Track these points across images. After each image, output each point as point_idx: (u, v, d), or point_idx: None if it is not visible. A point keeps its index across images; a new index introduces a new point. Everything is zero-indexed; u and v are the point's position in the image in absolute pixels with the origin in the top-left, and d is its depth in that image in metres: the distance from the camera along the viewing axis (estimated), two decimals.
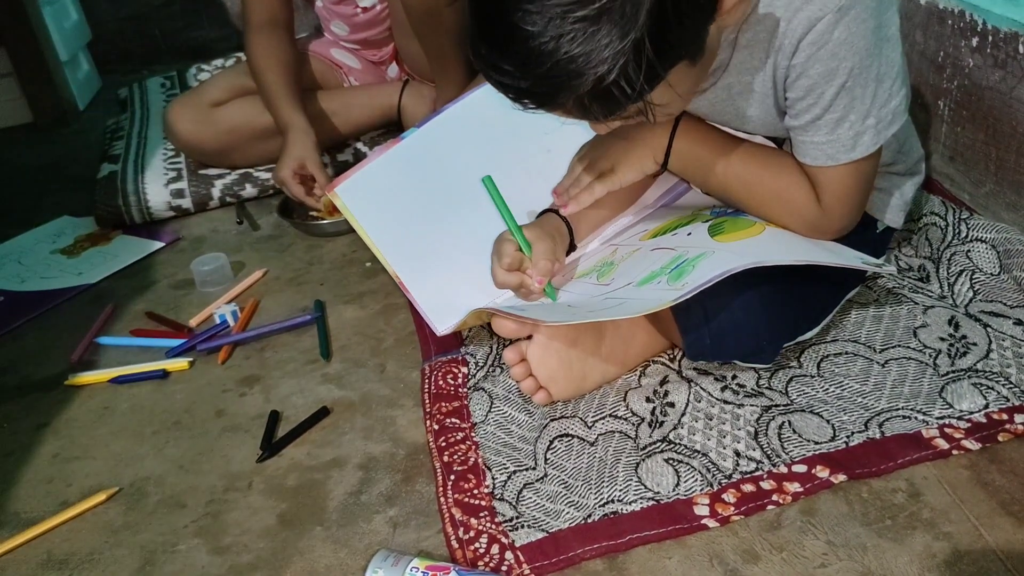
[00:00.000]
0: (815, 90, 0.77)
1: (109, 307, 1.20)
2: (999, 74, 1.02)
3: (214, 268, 1.22)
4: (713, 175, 0.87)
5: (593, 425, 0.84)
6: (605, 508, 0.75)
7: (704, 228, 0.90)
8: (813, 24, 0.74)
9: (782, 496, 0.74)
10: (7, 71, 1.91)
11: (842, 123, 0.78)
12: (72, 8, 2.06)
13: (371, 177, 1.05)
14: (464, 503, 0.78)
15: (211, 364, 1.06)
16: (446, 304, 1.00)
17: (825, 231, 0.85)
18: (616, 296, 0.86)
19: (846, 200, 0.83)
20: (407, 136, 1.09)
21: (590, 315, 0.80)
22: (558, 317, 0.83)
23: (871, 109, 0.78)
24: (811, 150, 0.81)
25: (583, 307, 0.87)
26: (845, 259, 0.83)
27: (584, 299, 0.91)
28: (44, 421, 1.00)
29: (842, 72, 0.76)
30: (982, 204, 1.09)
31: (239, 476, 0.87)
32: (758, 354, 0.85)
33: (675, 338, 0.89)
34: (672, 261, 0.85)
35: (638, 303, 0.80)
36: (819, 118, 0.79)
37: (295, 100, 1.35)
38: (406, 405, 0.94)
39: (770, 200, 0.86)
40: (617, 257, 0.97)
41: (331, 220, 1.31)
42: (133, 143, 1.64)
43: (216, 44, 2.21)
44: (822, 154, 0.81)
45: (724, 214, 0.92)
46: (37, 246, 1.40)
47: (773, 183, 0.85)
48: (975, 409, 0.80)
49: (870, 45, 0.75)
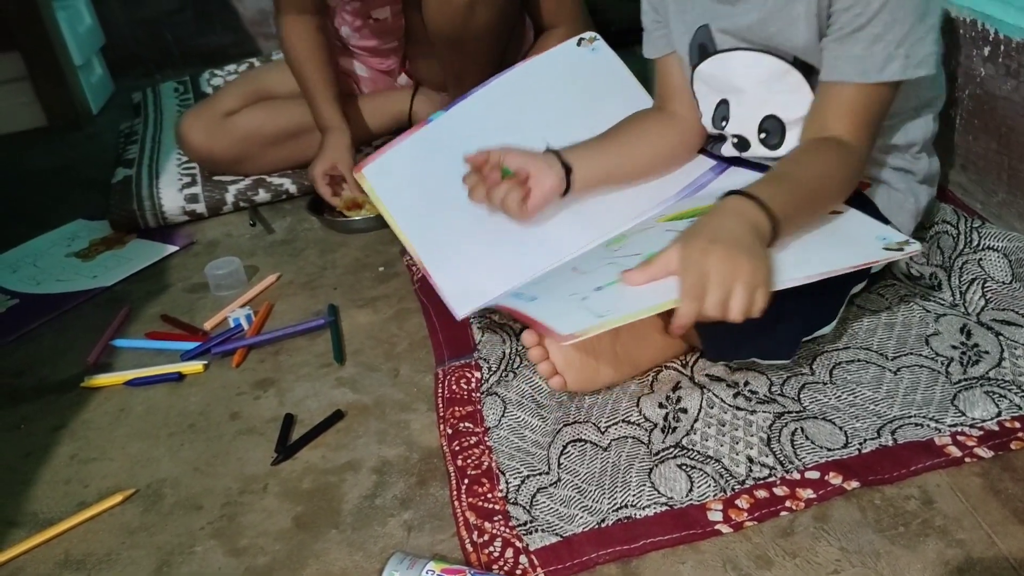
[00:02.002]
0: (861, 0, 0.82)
1: (124, 310, 1.21)
2: (1012, 83, 1.03)
3: (228, 272, 1.23)
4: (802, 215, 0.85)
5: (606, 430, 0.84)
6: (619, 513, 0.75)
7: None
8: None
9: (795, 502, 0.75)
10: (22, 75, 1.93)
11: (879, 41, 0.83)
12: (86, 13, 2.08)
13: (397, 158, 1.07)
14: (478, 507, 0.78)
15: (225, 367, 1.07)
16: (466, 289, 1.01)
17: (860, 163, 0.87)
18: (620, 263, 0.85)
19: (868, 124, 0.87)
20: (434, 119, 1.10)
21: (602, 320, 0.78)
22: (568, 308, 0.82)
23: (907, 38, 0.83)
24: (844, 65, 0.85)
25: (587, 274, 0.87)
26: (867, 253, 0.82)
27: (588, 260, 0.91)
28: (61, 423, 1.01)
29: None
30: (995, 213, 1.10)
31: (254, 478, 0.88)
32: (778, 351, 0.85)
33: (692, 339, 0.89)
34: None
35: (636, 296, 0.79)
36: (861, 28, 0.83)
37: (333, 98, 1.39)
38: (419, 409, 0.94)
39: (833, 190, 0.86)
40: (629, 231, 0.99)
41: (360, 217, 1.34)
42: (147, 148, 1.66)
43: (229, 50, 2.23)
44: (854, 69, 0.85)
45: None
46: (52, 249, 1.42)
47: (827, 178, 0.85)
48: (987, 417, 0.80)
49: None
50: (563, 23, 1.48)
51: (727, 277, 0.74)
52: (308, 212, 1.40)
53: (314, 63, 1.40)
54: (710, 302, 0.74)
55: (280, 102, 1.50)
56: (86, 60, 2.03)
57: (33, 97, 1.95)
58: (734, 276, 0.74)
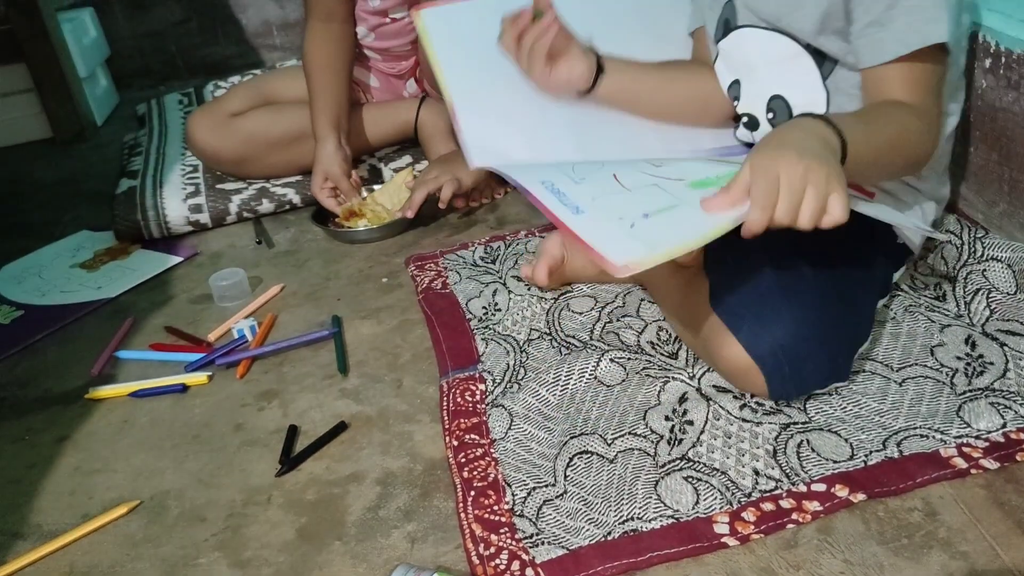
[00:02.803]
0: None
1: (128, 321, 1.21)
2: (1012, 95, 1.03)
3: (232, 283, 1.23)
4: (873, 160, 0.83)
5: (613, 442, 0.84)
6: (625, 526, 0.75)
7: None
8: None
9: (801, 515, 0.74)
10: (27, 87, 1.94)
11: (915, 9, 0.82)
12: (91, 25, 2.09)
13: (460, 14, 1.05)
14: (484, 519, 0.78)
15: (229, 378, 1.07)
16: (488, 142, 1.01)
17: (934, 127, 0.87)
18: (665, 187, 0.83)
19: (932, 90, 0.86)
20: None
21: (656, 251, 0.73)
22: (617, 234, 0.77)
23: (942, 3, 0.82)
24: (888, 43, 0.84)
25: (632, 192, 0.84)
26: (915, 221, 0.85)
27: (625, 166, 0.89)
28: (65, 434, 1.01)
29: None
30: (996, 224, 1.10)
31: (258, 490, 0.88)
32: (837, 374, 0.85)
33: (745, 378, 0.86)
34: (729, 174, 0.80)
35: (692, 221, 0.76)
36: (894, 5, 0.83)
37: (329, 108, 1.39)
38: (423, 420, 0.94)
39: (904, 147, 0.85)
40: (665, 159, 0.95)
41: (363, 227, 1.34)
42: (151, 159, 1.66)
43: (232, 61, 2.24)
44: (899, 43, 0.83)
45: None
46: (57, 260, 1.42)
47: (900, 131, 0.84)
48: (993, 428, 0.80)
49: None
50: None
51: (797, 181, 0.71)
52: (312, 222, 1.40)
53: (324, 71, 1.41)
54: (781, 208, 0.71)
55: (285, 106, 1.52)
56: (91, 72, 2.04)
57: (39, 109, 1.96)
58: (805, 179, 0.71)
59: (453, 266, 1.21)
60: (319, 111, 1.39)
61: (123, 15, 2.18)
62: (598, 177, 0.88)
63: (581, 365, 0.93)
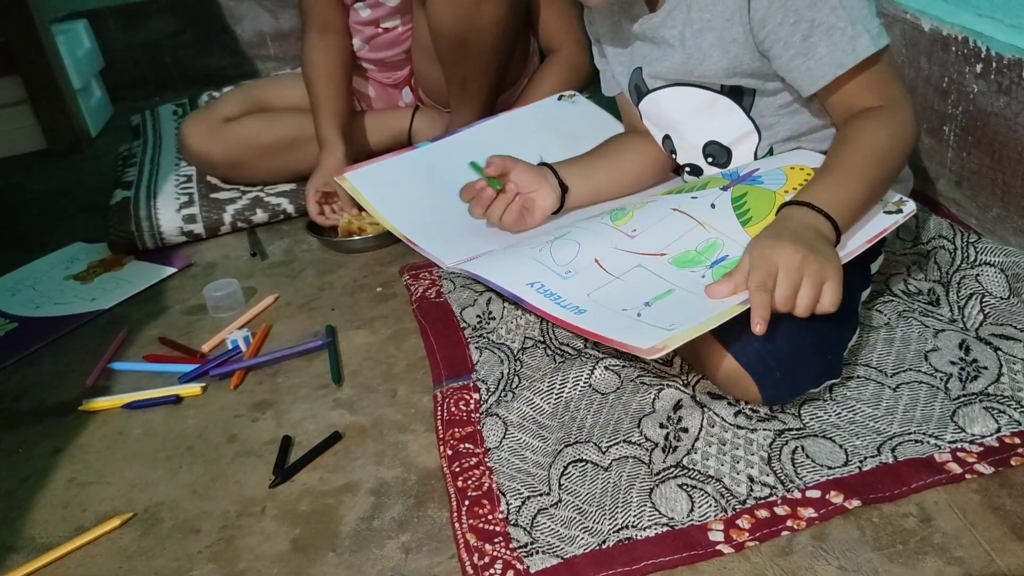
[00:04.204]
0: (791, 7, 0.84)
1: (123, 332, 1.21)
2: (1004, 100, 1.03)
3: (226, 294, 1.23)
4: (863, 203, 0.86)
5: (607, 450, 0.84)
6: (620, 534, 0.75)
7: (727, 201, 0.92)
8: None
9: (796, 522, 0.74)
10: (21, 98, 1.94)
11: (833, 31, 0.84)
12: (85, 36, 2.09)
13: (379, 172, 1.15)
14: (479, 528, 0.78)
15: (223, 389, 1.07)
16: (451, 246, 1.06)
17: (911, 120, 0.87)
18: (650, 267, 0.89)
19: (889, 83, 0.87)
20: (420, 147, 1.18)
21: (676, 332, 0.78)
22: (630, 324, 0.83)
23: (856, 17, 0.84)
24: (817, 69, 0.86)
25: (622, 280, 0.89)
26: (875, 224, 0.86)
27: (601, 245, 0.94)
28: (59, 446, 1.01)
29: None
30: (989, 229, 1.10)
31: (252, 501, 0.88)
32: (829, 371, 0.86)
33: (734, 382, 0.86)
34: (708, 247, 0.86)
35: (698, 306, 0.81)
36: (810, 34, 0.84)
37: (334, 115, 1.40)
38: (417, 430, 0.94)
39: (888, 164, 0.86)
40: (629, 204, 1.00)
41: (358, 237, 1.34)
42: (146, 169, 1.66)
43: (227, 71, 2.24)
44: (831, 65, 0.85)
45: (737, 180, 0.94)
46: (51, 272, 1.42)
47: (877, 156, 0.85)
48: (987, 433, 0.80)
49: None
50: (564, 44, 1.51)
51: (794, 272, 0.77)
52: (307, 232, 1.40)
53: (326, 80, 1.42)
54: (779, 296, 0.77)
55: (277, 114, 1.54)
56: (85, 83, 2.04)
57: (33, 120, 1.96)
58: (802, 270, 0.77)
59: (447, 275, 1.21)
60: (325, 118, 1.40)
61: (117, 26, 2.19)
62: (581, 266, 0.93)
63: (575, 373, 0.93)
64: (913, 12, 1.18)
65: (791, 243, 0.78)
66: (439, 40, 1.34)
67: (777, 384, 0.83)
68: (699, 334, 0.79)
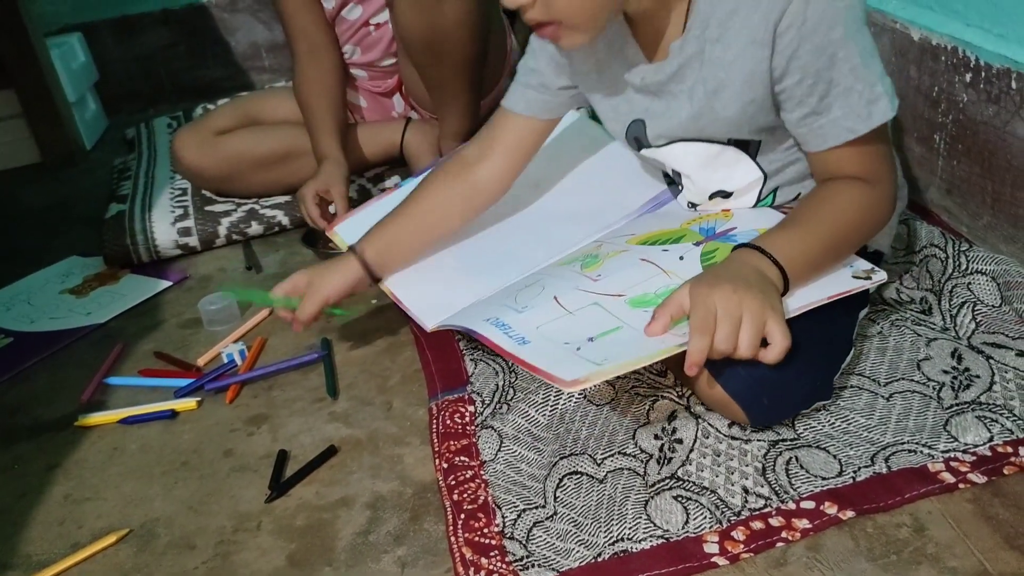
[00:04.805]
0: (811, 68, 0.80)
1: (118, 347, 1.21)
2: (993, 109, 1.04)
3: (221, 307, 1.23)
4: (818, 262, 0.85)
5: (602, 462, 0.84)
6: (615, 547, 0.75)
7: (696, 255, 0.92)
8: (784, 7, 0.78)
9: (791, 533, 0.75)
10: (16, 112, 1.94)
11: (851, 93, 0.80)
12: (80, 49, 2.09)
13: (366, 217, 1.13)
14: (475, 542, 0.78)
15: (219, 403, 1.07)
16: (431, 302, 1.05)
17: (885, 196, 0.86)
18: (606, 305, 0.88)
19: (882, 159, 0.85)
20: (404, 184, 1.18)
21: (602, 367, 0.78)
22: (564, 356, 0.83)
23: (874, 79, 0.81)
24: (829, 129, 0.83)
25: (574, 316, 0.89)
26: (838, 283, 0.85)
27: (564, 285, 0.94)
28: (55, 462, 1.00)
29: (834, 42, 0.79)
30: (980, 236, 1.11)
31: (248, 516, 0.88)
32: (819, 394, 0.85)
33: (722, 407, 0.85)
34: (666, 290, 0.85)
35: (637, 344, 0.81)
36: (827, 94, 0.81)
37: (334, 132, 1.41)
38: (413, 443, 0.94)
39: (852, 233, 0.86)
40: (602, 252, 1.00)
41: None
42: (140, 183, 1.67)
43: (221, 83, 2.24)
44: (843, 129, 0.82)
45: (712, 236, 0.94)
46: (46, 286, 1.42)
47: (843, 221, 0.84)
48: (980, 442, 0.81)
49: (848, 17, 0.79)
50: None
51: (733, 311, 0.75)
52: (302, 244, 1.40)
53: (319, 98, 1.43)
54: (719, 336, 0.75)
55: (269, 127, 1.54)
56: (80, 96, 2.04)
57: (28, 134, 1.96)
58: (741, 308, 0.75)
59: None
60: (324, 133, 1.41)
61: (112, 39, 2.19)
62: (539, 302, 0.93)
63: None
64: (903, 21, 1.19)
65: (729, 283, 0.76)
66: (408, 46, 1.36)
67: (765, 410, 0.82)
68: (627, 371, 0.78)
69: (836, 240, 0.84)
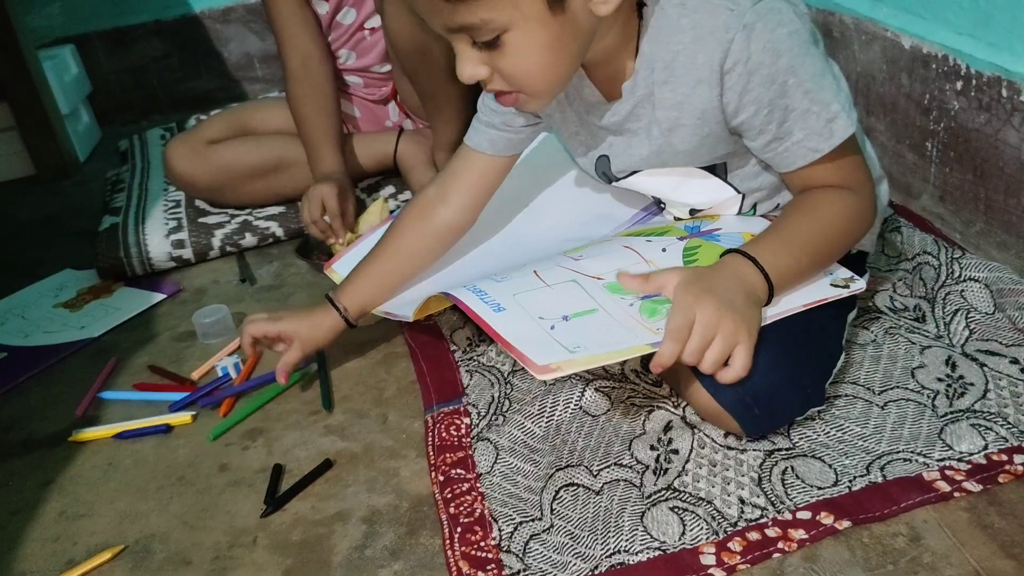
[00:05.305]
0: (764, 99, 0.80)
1: (112, 361, 1.21)
2: (984, 116, 1.04)
3: (215, 320, 1.23)
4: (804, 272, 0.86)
5: (598, 474, 0.84)
6: (612, 559, 0.75)
7: (679, 250, 0.92)
8: (727, 48, 0.78)
9: (788, 544, 0.74)
10: (9, 125, 1.94)
11: (808, 115, 0.81)
12: (72, 62, 2.09)
13: (362, 251, 1.14)
14: (471, 556, 0.78)
15: (214, 418, 1.06)
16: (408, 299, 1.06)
17: (871, 205, 0.87)
18: (584, 284, 0.89)
19: (854, 169, 0.86)
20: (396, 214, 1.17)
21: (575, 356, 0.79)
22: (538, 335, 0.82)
23: (829, 98, 0.81)
24: (794, 152, 0.83)
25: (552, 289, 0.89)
26: (817, 291, 0.86)
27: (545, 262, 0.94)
28: (49, 478, 1.00)
29: (782, 71, 0.79)
30: (973, 243, 1.11)
31: (244, 531, 0.88)
32: (811, 400, 0.85)
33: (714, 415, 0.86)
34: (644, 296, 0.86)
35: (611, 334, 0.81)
36: (785, 120, 0.82)
37: (332, 140, 1.42)
38: (409, 456, 0.94)
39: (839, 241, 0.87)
40: (587, 240, 1.02)
41: None
42: (134, 195, 1.66)
43: (215, 94, 2.24)
44: (807, 149, 0.83)
45: (697, 233, 0.95)
46: (40, 300, 1.41)
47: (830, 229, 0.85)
48: (975, 450, 0.81)
49: (793, 43, 0.79)
50: None
51: (709, 328, 0.77)
52: (296, 256, 1.40)
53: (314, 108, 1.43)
54: (689, 347, 0.77)
55: (261, 137, 1.54)
56: (73, 108, 2.04)
57: (21, 146, 1.95)
58: (715, 330, 0.77)
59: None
60: (322, 143, 1.41)
61: (104, 51, 2.19)
62: (519, 274, 0.94)
63: (566, 396, 0.94)
64: (894, 30, 1.19)
65: (714, 299, 0.77)
66: (399, 54, 1.36)
67: (757, 420, 0.83)
68: (598, 364, 0.79)
69: (823, 249, 0.85)
